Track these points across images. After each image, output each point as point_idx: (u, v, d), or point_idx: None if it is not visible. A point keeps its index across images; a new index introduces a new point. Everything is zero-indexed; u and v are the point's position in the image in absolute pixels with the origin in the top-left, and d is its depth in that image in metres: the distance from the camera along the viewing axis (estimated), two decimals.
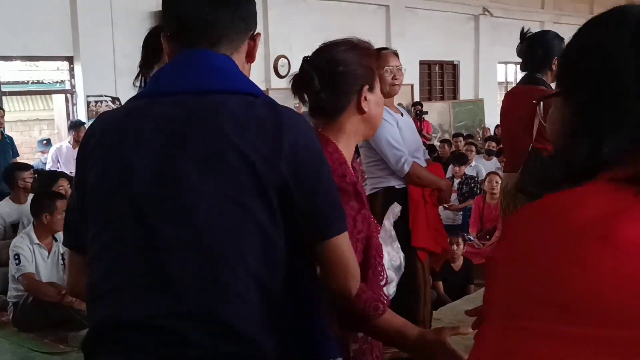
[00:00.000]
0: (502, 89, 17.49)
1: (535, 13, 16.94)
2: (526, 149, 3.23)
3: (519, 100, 3.40)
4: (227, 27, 1.36)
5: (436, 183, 3.34)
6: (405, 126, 3.41)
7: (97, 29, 8.58)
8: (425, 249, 3.33)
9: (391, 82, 3.33)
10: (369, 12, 12.84)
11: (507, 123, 3.51)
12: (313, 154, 1.32)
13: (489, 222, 6.98)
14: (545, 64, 3.37)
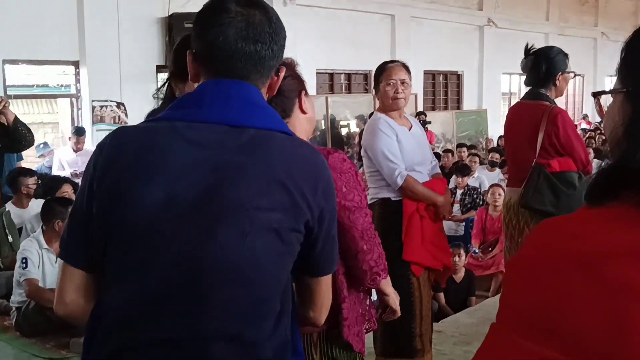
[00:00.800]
0: (505, 99, 17.51)
1: (540, 25, 16.98)
2: (530, 164, 3.23)
3: (522, 114, 3.41)
4: (259, 61, 1.36)
5: (431, 198, 3.29)
6: (410, 138, 3.39)
7: (103, 34, 8.61)
8: (419, 263, 3.30)
9: (393, 95, 3.33)
10: (374, 21, 12.88)
11: (511, 137, 3.52)
12: (334, 198, 1.40)
13: (491, 234, 6.97)
14: (549, 80, 3.38)
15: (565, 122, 3.25)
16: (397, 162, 3.27)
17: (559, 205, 3.15)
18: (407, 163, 3.31)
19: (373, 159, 3.37)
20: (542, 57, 3.40)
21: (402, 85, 3.35)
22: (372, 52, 12.08)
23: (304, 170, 1.33)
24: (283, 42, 1.41)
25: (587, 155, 3.33)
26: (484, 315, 4.62)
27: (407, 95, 3.40)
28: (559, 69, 3.39)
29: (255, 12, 1.35)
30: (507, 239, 3.44)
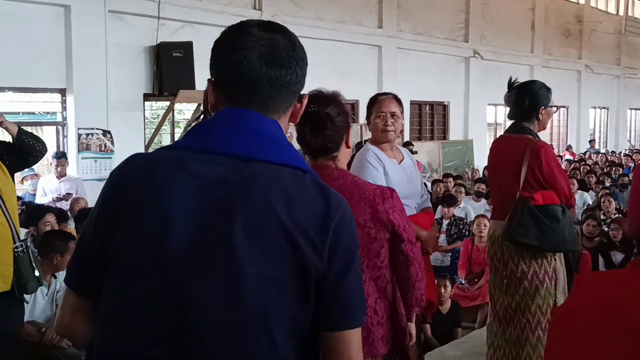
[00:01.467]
0: (491, 130, 17.65)
1: (524, 57, 17.22)
2: (513, 197, 3.24)
3: (506, 148, 3.43)
4: (284, 86, 1.31)
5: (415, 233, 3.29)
6: (399, 171, 3.38)
7: (91, 62, 8.61)
8: None
9: (382, 128, 3.34)
10: (361, 52, 12.99)
11: (495, 170, 3.53)
12: (352, 242, 1.29)
13: (477, 265, 6.96)
14: (532, 113, 3.41)
15: (549, 155, 3.27)
16: None
17: (542, 238, 3.16)
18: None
19: None
20: (525, 91, 3.43)
21: (392, 118, 3.35)
22: (359, 82, 12.18)
23: (310, 210, 1.24)
24: (306, 68, 1.35)
25: (570, 189, 3.35)
26: (471, 347, 4.60)
27: (397, 128, 3.39)
28: (542, 103, 3.41)
29: (278, 36, 1.31)
30: (492, 272, 3.44)
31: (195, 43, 9.33)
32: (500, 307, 3.37)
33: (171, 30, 9.62)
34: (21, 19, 8.14)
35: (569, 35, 19.50)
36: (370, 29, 13.09)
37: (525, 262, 3.25)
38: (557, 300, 3.27)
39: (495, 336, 3.41)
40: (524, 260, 3.25)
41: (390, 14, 13.43)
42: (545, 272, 3.26)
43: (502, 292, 3.35)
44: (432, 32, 14.54)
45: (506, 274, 3.31)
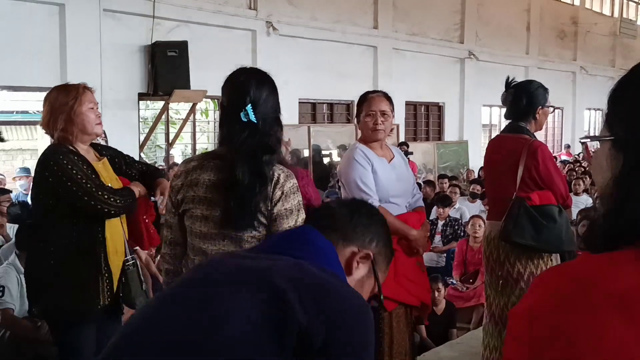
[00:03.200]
0: (486, 131, 17.66)
1: (520, 58, 17.23)
2: (509, 197, 3.22)
3: (502, 148, 3.41)
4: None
5: (403, 231, 3.23)
6: (389, 170, 3.36)
7: (85, 61, 8.56)
8: (390, 298, 3.20)
9: (372, 127, 3.32)
10: (357, 53, 12.97)
11: (491, 171, 3.51)
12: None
13: (472, 266, 6.95)
14: (529, 113, 3.39)
15: (545, 156, 3.25)
16: (370, 192, 3.23)
17: (539, 238, 3.14)
18: (382, 194, 3.27)
19: (347, 188, 3.36)
20: (522, 90, 3.41)
21: (382, 117, 3.33)
22: (354, 82, 12.15)
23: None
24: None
25: (566, 189, 3.33)
26: (466, 348, 4.58)
27: (387, 127, 3.37)
28: (539, 103, 3.40)
29: None
30: (488, 273, 3.42)
31: (191, 42, 9.30)
32: (496, 307, 3.35)
33: (166, 29, 9.58)
34: (16, 17, 8.09)
35: (564, 36, 19.52)
36: (365, 30, 13.08)
37: (521, 263, 3.23)
38: None
39: (491, 337, 3.39)
40: (520, 260, 3.23)
41: (385, 15, 13.41)
42: (542, 272, 3.22)
43: (498, 293, 3.33)
44: (427, 33, 14.54)
45: (502, 274, 3.29)
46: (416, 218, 3.39)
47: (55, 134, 2.83)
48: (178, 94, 8.92)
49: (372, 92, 3.45)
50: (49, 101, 2.86)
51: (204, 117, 11.74)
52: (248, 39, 10.88)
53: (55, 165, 2.70)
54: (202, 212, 2.19)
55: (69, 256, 2.70)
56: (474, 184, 10.76)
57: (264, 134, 2.18)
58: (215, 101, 10.74)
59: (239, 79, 2.26)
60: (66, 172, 2.68)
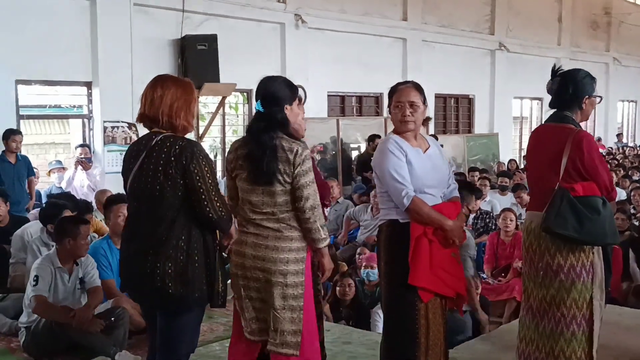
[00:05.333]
0: (516, 123, 17.46)
1: (551, 49, 16.97)
2: (552, 188, 3.14)
3: (546, 137, 3.30)
4: None
5: (439, 222, 3.19)
6: (425, 160, 3.32)
7: (116, 55, 8.64)
8: (426, 289, 3.20)
9: (400, 118, 3.29)
10: (386, 45, 12.90)
11: (534, 161, 3.41)
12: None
13: (503, 260, 6.85)
14: (575, 103, 3.27)
15: (591, 146, 3.15)
16: (405, 182, 3.20)
17: (581, 230, 3.06)
18: (417, 185, 3.23)
19: (381, 179, 3.32)
20: (569, 79, 3.29)
21: (411, 108, 3.28)
22: (383, 74, 12.09)
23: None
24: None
25: (611, 181, 3.22)
26: (500, 341, 4.51)
27: (417, 118, 3.31)
28: (586, 92, 3.29)
29: None
30: (527, 264, 3.34)
31: (220, 36, 9.33)
32: (534, 300, 3.28)
33: (195, 23, 9.62)
34: (48, 13, 8.18)
35: (596, 27, 19.19)
36: (394, 22, 12.99)
37: (562, 255, 3.15)
38: (594, 295, 3.18)
39: (527, 329, 3.33)
40: (561, 252, 3.15)
41: (414, 7, 13.31)
42: (583, 265, 3.15)
43: (536, 285, 3.26)
44: (457, 25, 14.40)
45: (542, 266, 3.21)
46: (452, 208, 3.34)
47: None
48: (208, 87, 8.95)
49: (402, 84, 3.41)
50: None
51: (232, 111, 11.75)
52: (277, 32, 10.87)
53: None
54: (242, 174, 3.10)
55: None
56: (502, 176, 10.64)
57: (269, 119, 3.07)
58: (245, 95, 10.75)
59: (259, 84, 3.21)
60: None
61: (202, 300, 2.84)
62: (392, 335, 3.36)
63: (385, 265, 3.37)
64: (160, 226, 2.77)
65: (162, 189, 2.76)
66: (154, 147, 2.81)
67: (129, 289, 3.08)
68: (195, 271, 2.77)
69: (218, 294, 2.88)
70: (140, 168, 2.83)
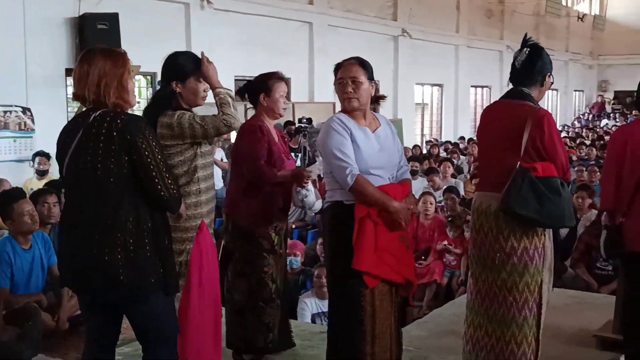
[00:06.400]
0: (418, 109, 17.75)
1: (450, 37, 17.36)
2: (510, 167, 3.03)
3: (504, 116, 3.18)
4: None
5: (384, 203, 3.05)
6: (372, 140, 3.16)
7: (8, 35, 7.97)
8: (372, 274, 3.06)
9: (342, 96, 3.16)
10: (292, 28, 12.70)
11: (488, 139, 3.27)
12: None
13: (423, 243, 6.86)
14: (538, 78, 3.17)
15: (551, 125, 3.06)
16: (349, 161, 3.05)
17: (542, 211, 2.97)
18: (362, 165, 3.08)
19: (325, 159, 3.19)
20: (538, 51, 3.18)
21: (354, 84, 3.14)
22: (291, 59, 11.91)
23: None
24: None
25: (568, 162, 3.18)
26: (435, 327, 4.46)
27: (361, 95, 3.16)
28: (548, 70, 3.22)
29: None
30: (476, 247, 3.22)
31: (122, 15, 8.79)
32: (483, 283, 3.18)
33: (95, 0, 9.02)
34: None
35: (491, 15, 19.81)
36: (301, 5, 12.81)
37: (515, 237, 3.06)
38: (543, 279, 3.13)
39: (476, 314, 3.23)
40: (515, 235, 3.06)
41: None
42: (535, 248, 3.08)
43: (486, 268, 3.16)
44: (361, 10, 14.40)
45: (493, 249, 3.13)
46: (399, 189, 3.20)
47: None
48: None
49: (346, 60, 3.26)
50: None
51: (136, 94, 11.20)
52: (182, 12, 10.45)
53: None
54: None
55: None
56: (412, 161, 10.71)
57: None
58: (148, 78, 10.24)
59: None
60: None
61: (159, 286, 2.60)
62: (337, 322, 3.21)
63: (329, 249, 3.23)
64: (105, 209, 2.48)
65: (105, 168, 2.48)
66: (92, 123, 2.51)
67: (72, 282, 2.73)
68: (146, 255, 2.52)
69: (172, 278, 2.65)
70: (78, 147, 2.53)
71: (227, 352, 3.64)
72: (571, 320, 4.61)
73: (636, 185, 3.55)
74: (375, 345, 3.13)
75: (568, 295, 5.32)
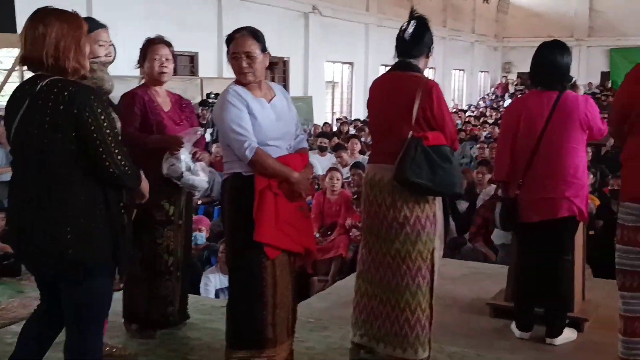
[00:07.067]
0: (329, 87, 17.84)
1: (361, 15, 17.48)
2: (402, 138, 3.08)
3: (395, 87, 3.22)
4: None
5: (284, 174, 3.05)
6: (268, 110, 3.13)
7: None
8: (272, 245, 3.06)
9: (237, 70, 3.11)
10: (200, 3, 12.43)
11: (379, 112, 3.31)
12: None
13: (329, 218, 6.92)
14: (425, 50, 3.25)
15: (440, 95, 3.14)
16: (246, 134, 3.02)
17: (435, 179, 3.04)
18: (260, 137, 3.06)
19: (222, 133, 3.15)
20: (424, 23, 3.25)
21: (249, 59, 3.09)
22: (198, 33, 11.66)
23: None
24: None
25: (455, 131, 3.27)
26: (337, 298, 4.51)
27: (256, 68, 3.11)
28: (433, 41, 3.31)
29: None
30: (369, 218, 3.26)
31: None
32: (377, 253, 3.22)
33: None
34: None
35: None
36: None
37: (408, 207, 3.12)
38: (435, 246, 3.21)
39: (370, 284, 3.28)
40: (407, 204, 3.11)
41: None
42: (427, 216, 3.15)
43: (380, 238, 3.20)
44: None
45: (387, 219, 3.17)
46: (298, 160, 3.19)
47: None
48: (2, 38, 7.99)
49: (238, 31, 3.18)
50: None
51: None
52: None
53: None
54: None
55: None
56: (322, 137, 10.77)
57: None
58: None
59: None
60: None
61: (107, 266, 2.51)
62: (237, 294, 3.19)
63: (229, 222, 3.18)
64: (54, 186, 2.37)
65: (51, 143, 2.35)
66: (38, 93, 2.36)
67: (23, 258, 2.63)
68: (97, 235, 2.43)
69: (124, 260, 2.56)
70: (23, 119, 2.39)
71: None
72: (467, 290, 4.78)
73: (529, 158, 3.70)
74: (275, 315, 3.14)
75: (465, 266, 5.51)
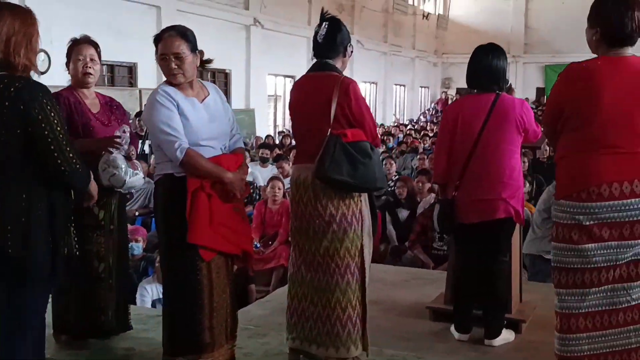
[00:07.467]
0: (271, 101, 17.80)
1: (303, 29, 17.52)
2: (322, 137, 3.10)
3: (314, 88, 3.23)
4: None
5: (217, 174, 2.99)
6: (200, 110, 3.06)
7: None
8: (207, 247, 3.00)
9: (167, 72, 3.05)
10: (138, 12, 12.23)
11: (301, 112, 3.32)
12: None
13: (270, 227, 6.85)
14: (341, 49, 3.27)
15: (357, 92, 3.16)
16: (177, 134, 2.95)
17: (355, 175, 3.05)
18: (192, 138, 3.00)
19: (152, 134, 3.08)
20: (337, 24, 3.30)
21: (178, 60, 3.03)
22: (137, 43, 11.43)
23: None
24: None
25: (375, 127, 3.29)
26: (276, 305, 4.43)
27: (186, 69, 3.08)
28: (348, 40, 3.33)
29: None
30: (297, 219, 3.25)
31: None
32: (307, 254, 3.20)
33: None
34: None
35: (342, 10, 20.22)
36: None
37: (333, 204, 3.11)
38: (364, 243, 3.20)
39: (300, 285, 3.24)
40: (332, 202, 3.11)
41: None
42: (353, 213, 3.15)
43: (309, 238, 3.18)
44: None
45: (313, 218, 3.15)
46: (232, 160, 3.13)
47: None
48: None
49: (166, 30, 3.13)
50: None
51: None
52: None
53: None
54: None
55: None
56: (263, 148, 10.71)
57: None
58: None
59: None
60: None
61: (45, 267, 2.42)
62: (173, 298, 3.12)
63: (162, 224, 3.11)
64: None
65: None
66: None
67: None
68: (38, 233, 2.36)
69: (63, 263, 2.48)
70: None
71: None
72: (407, 295, 4.77)
73: (466, 160, 3.74)
74: (213, 318, 3.08)
75: (406, 272, 5.51)
